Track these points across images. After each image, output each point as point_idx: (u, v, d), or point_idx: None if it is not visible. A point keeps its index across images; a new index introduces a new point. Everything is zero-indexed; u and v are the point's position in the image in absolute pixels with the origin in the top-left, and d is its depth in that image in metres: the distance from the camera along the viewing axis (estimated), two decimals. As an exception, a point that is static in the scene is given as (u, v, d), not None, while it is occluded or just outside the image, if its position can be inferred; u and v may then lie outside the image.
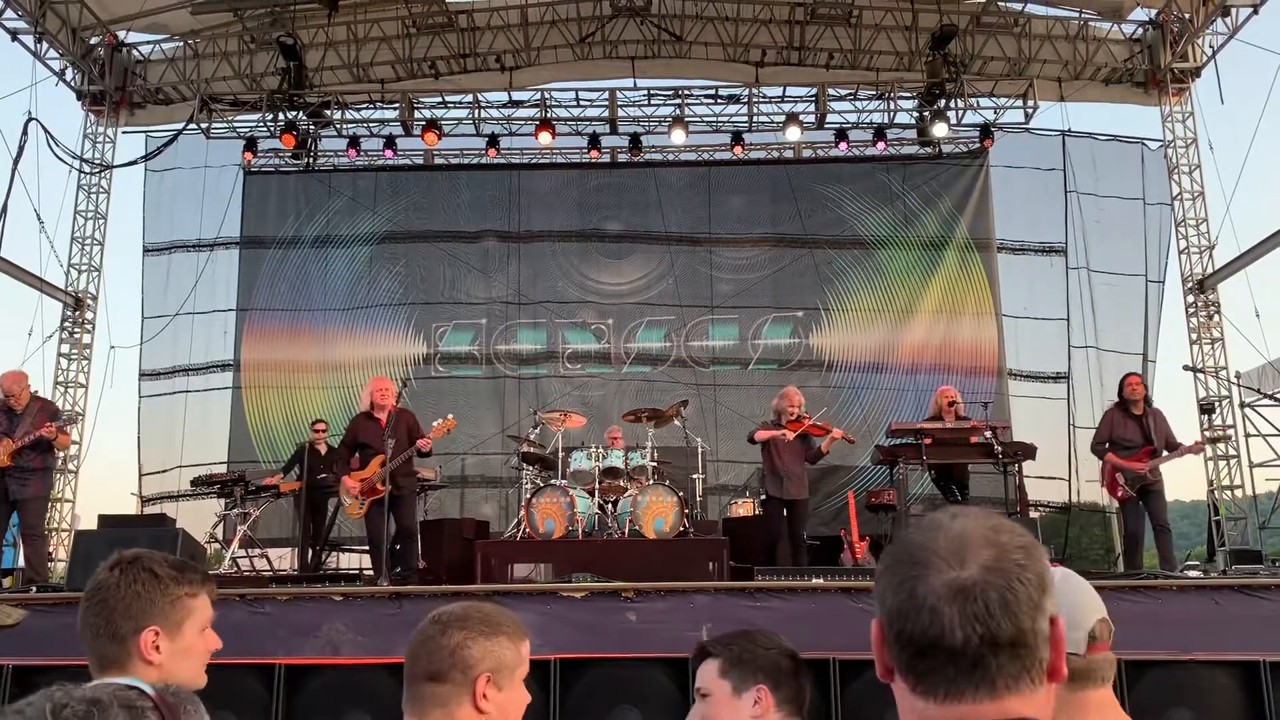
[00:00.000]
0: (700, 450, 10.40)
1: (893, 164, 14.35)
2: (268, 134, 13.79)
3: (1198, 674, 5.39)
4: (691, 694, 5.44)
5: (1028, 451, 8.94)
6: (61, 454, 8.21)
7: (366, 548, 9.42)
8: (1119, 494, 8.72)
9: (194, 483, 11.06)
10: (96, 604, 1.98)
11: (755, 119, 14.08)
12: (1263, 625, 5.78)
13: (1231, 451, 13.04)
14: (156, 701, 1.04)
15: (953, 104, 13.54)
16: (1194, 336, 13.64)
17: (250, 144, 13.83)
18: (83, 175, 14.20)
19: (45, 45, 13.11)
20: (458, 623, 1.87)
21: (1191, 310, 13.71)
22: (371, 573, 8.84)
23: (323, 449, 10.77)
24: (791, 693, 2.13)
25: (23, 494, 7.85)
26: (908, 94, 14.00)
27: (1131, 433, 8.67)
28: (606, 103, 14.04)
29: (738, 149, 13.95)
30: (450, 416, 8.43)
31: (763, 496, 8.57)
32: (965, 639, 1.04)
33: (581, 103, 14.24)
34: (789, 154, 14.79)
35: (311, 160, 14.63)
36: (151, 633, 1.99)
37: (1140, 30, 13.96)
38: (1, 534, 8.21)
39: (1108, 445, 8.81)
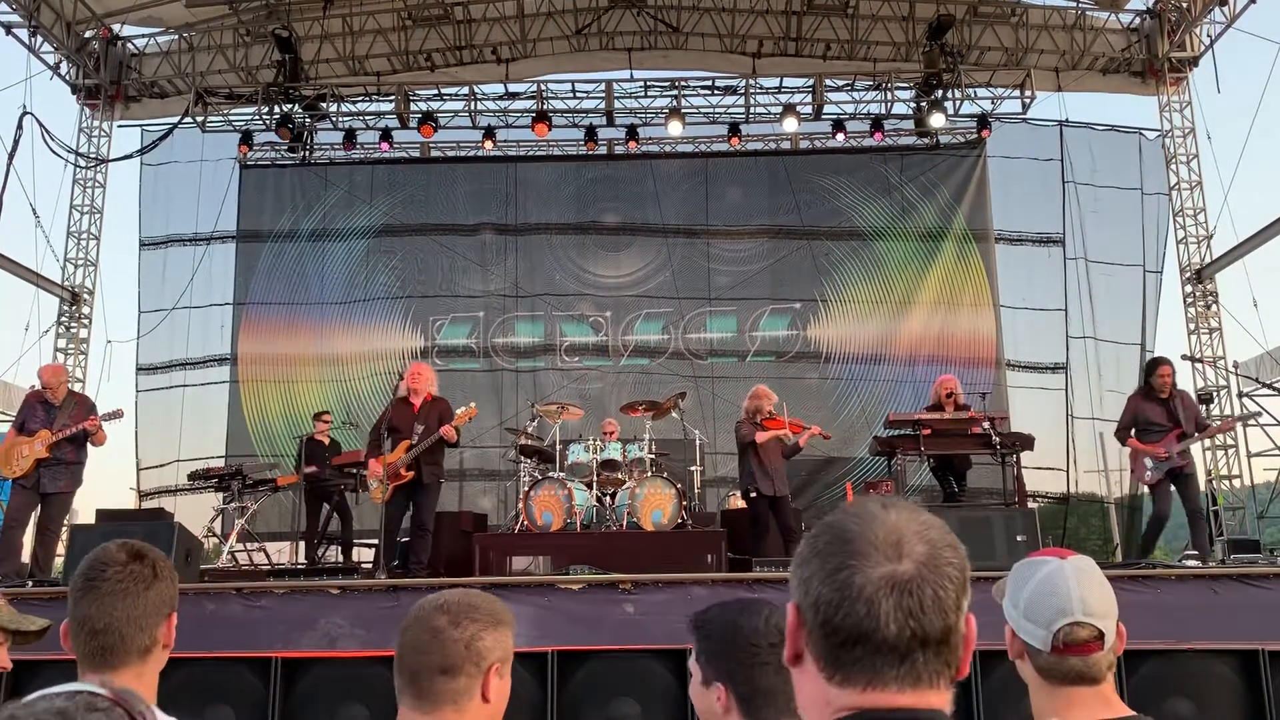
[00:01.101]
0: (698, 442, 10.40)
1: (890, 155, 14.32)
2: (263, 127, 13.77)
3: (1196, 663, 5.39)
4: (688, 686, 5.45)
5: (1025, 442, 8.95)
6: (94, 448, 8.15)
7: (373, 542, 9.34)
8: (1146, 478, 8.39)
9: (191, 477, 11.03)
10: (126, 593, 1.95)
11: (752, 110, 14.06)
12: (1261, 614, 5.78)
13: (1230, 441, 13.03)
14: (117, 701, 1.01)
15: (950, 94, 13.52)
16: (1192, 326, 13.63)
17: (246, 137, 13.80)
18: (78, 169, 14.17)
19: (39, 39, 13.06)
20: (467, 613, 1.83)
21: (1189, 300, 13.70)
22: (369, 565, 8.82)
23: (325, 441, 10.76)
24: (749, 690, 1.92)
25: (53, 487, 7.82)
26: (905, 84, 13.98)
27: (1158, 415, 8.32)
28: (603, 94, 14.02)
29: (735, 140, 13.92)
30: (473, 405, 8.31)
31: (752, 494, 8.55)
32: (898, 633, 1.04)
33: (578, 94, 14.22)
34: (786, 145, 14.76)
35: (307, 153, 14.60)
36: (173, 617, 2.02)
37: (1138, 20, 13.92)
38: (23, 527, 8.15)
39: (1132, 430, 8.49)
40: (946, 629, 1.06)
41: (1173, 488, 8.39)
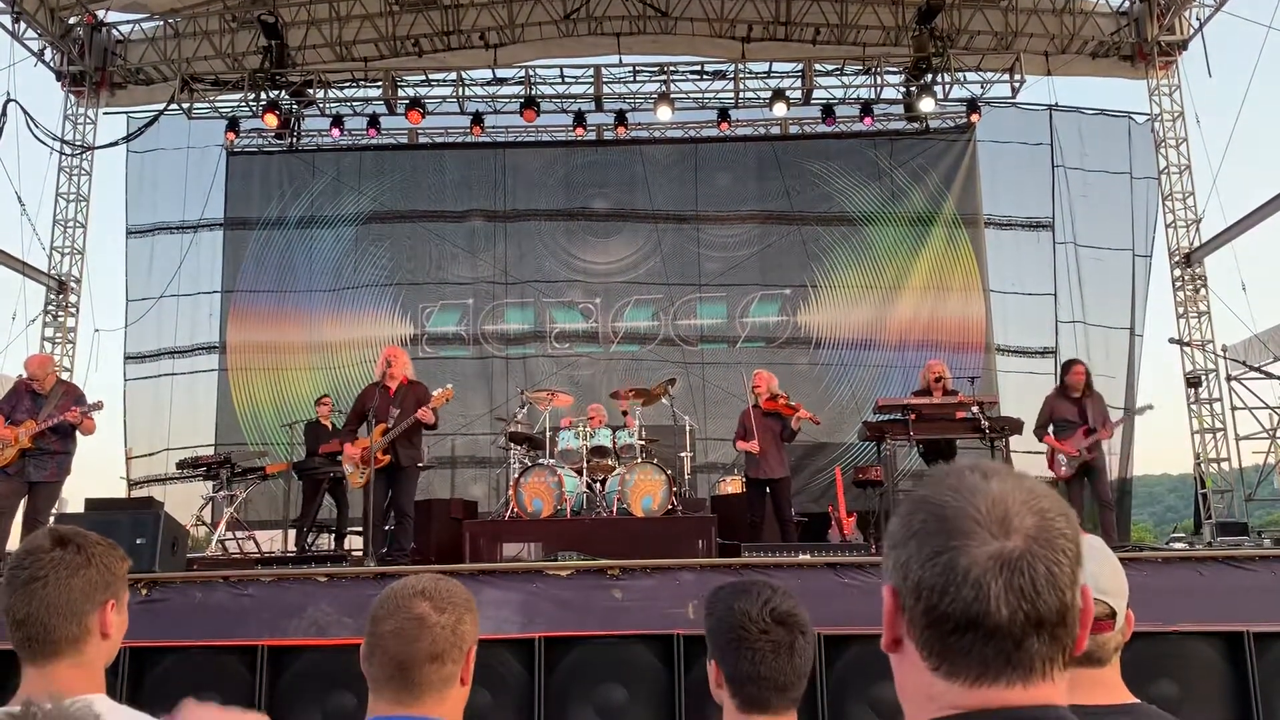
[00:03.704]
0: (688, 428, 10.39)
1: (879, 140, 14.29)
2: (250, 114, 13.67)
3: (1181, 645, 5.41)
4: (676, 671, 5.44)
5: (1014, 426, 8.99)
6: (84, 437, 8.16)
7: (360, 529, 9.35)
8: (1061, 473, 8.94)
9: (180, 465, 11.01)
10: (48, 581, 1.85)
11: (741, 95, 14.01)
12: (1247, 596, 5.80)
13: (1218, 425, 13.09)
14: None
15: (939, 79, 13.49)
16: (1180, 310, 13.65)
17: (232, 124, 13.70)
18: (64, 157, 14.07)
19: (23, 25, 12.93)
20: (448, 599, 1.82)
21: (1178, 284, 13.71)
22: (359, 553, 8.82)
23: (329, 425, 10.76)
24: (732, 672, 1.91)
25: (39, 476, 7.84)
26: (894, 69, 13.94)
27: (1069, 413, 8.91)
28: (591, 80, 13.94)
29: (724, 125, 13.88)
30: (449, 386, 8.27)
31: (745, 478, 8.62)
32: (1010, 617, 0.96)
33: (566, 80, 14.14)
34: (775, 130, 14.71)
35: (295, 140, 14.53)
36: (110, 605, 1.91)
37: (1127, 3, 13.89)
38: (11, 515, 8.13)
39: (1050, 428, 9.02)
40: (1063, 608, 0.98)
41: (1085, 480, 8.88)
